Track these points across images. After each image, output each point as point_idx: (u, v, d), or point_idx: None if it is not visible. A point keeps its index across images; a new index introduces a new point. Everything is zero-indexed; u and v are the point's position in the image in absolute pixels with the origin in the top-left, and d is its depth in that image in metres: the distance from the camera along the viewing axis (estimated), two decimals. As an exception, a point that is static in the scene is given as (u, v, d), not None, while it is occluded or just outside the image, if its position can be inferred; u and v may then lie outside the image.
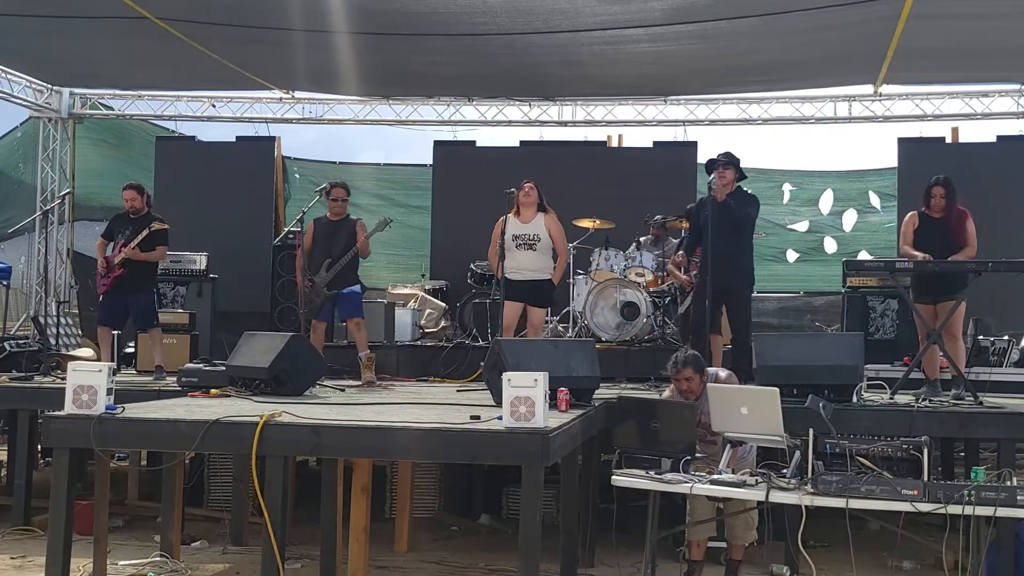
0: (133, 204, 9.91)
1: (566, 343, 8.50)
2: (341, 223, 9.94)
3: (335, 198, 9.93)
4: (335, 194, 9.94)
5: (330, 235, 9.84)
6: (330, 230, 9.88)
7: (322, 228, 9.91)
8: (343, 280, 9.76)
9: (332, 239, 9.81)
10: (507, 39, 10.99)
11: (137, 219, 9.88)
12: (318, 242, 9.82)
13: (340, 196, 9.95)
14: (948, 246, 8.45)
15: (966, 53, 11.44)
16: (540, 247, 9.53)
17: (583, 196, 12.55)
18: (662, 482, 6.01)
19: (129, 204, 9.93)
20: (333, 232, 9.85)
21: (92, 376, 6.01)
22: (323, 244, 9.81)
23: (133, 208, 9.91)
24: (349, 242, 9.77)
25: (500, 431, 5.64)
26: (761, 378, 7.87)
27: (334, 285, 9.72)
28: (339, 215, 9.97)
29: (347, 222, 9.96)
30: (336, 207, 9.94)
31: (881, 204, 14.04)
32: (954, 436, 8.63)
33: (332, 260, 9.72)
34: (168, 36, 11.19)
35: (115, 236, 9.92)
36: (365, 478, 7.21)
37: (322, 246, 9.80)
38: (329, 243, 9.80)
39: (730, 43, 11.10)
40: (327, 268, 9.71)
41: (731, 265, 8.73)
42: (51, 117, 14.70)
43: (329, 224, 9.95)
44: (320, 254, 9.78)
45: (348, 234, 9.82)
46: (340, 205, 9.95)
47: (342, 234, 9.82)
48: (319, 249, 9.80)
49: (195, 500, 9.51)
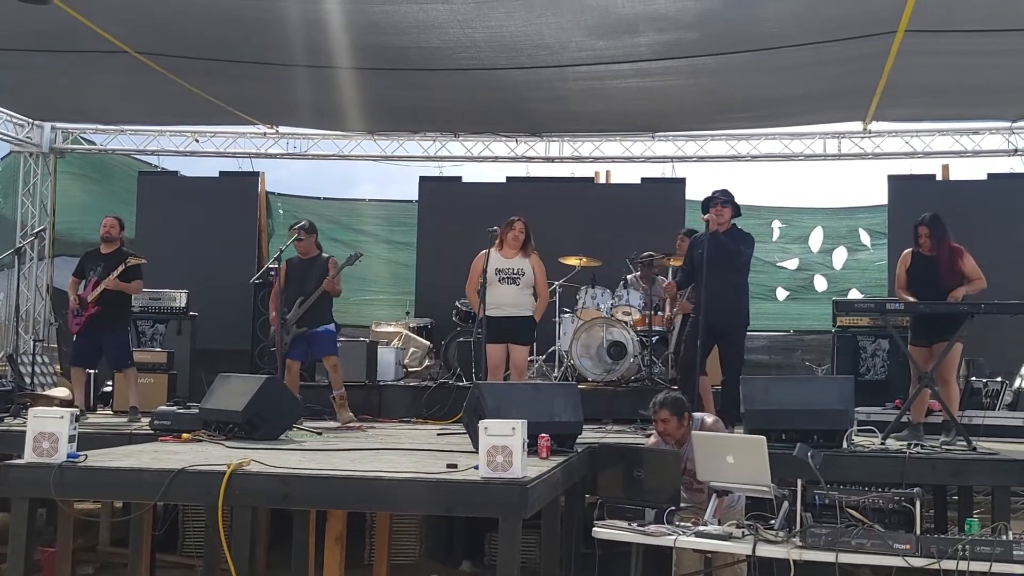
0: (110, 232, 9.81)
1: (548, 387, 8.30)
2: (313, 261, 9.83)
3: (296, 238, 9.80)
4: (298, 235, 9.80)
5: (303, 273, 9.74)
6: (302, 269, 9.78)
7: (294, 267, 9.81)
8: (315, 319, 9.63)
9: (305, 277, 9.70)
10: (492, 74, 10.87)
11: (109, 255, 9.76)
12: (291, 281, 9.69)
13: (300, 236, 9.77)
14: (941, 284, 8.29)
15: (956, 90, 11.35)
16: (523, 282, 9.35)
17: (570, 233, 12.44)
18: (645, 535, 5.80)
19: (106, 231, 9.82)
20: (306, 270, 9.75)
21: (54, 423, 5.78)
22: (296, 283, 9.69)
23: (109, 236, 9.80)
24: (321, 280, 9.66)
25: (476, 482, 5.42)
26: (749, 422, 7.71)
27: (304, 322, 9.60)
28: (306, 254, 9.85)
29: (319, 260, 9.84)
30: (300, 246, 9.82)
31: (871, 242, 13.90)
32: (947, 483, 8.40)
33: (304, 298, 9.60)
34: (150, 70, 11.07)
35: (87, 274, 9.78)
36: (339, 527, 6.99)
37: (295, 285, 9.68)
38: (302, 281, 9.69)
39: (718, 79, 10.99)
40: (298, 305, 9.58)
41: (726, 304, 8.57)
42: (32, 151, 14.54)
43: (301, 263, 9.85)
44: (293, 293, 9.66)
45: (320, 272, 9.70)
46: (303, 244, 9.81)
47: (314, 272, 9.71)
48: (292, 288, 9.67)
49: (169, 546, 9.28)
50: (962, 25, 9.12)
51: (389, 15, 9.23)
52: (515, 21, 9.37)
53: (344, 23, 9.32)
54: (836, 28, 9.29)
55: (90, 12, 9.43)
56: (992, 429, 8.75)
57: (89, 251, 10.14)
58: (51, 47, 10.43)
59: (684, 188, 13.47)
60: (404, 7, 9.07)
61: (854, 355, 10.96)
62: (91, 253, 10.02)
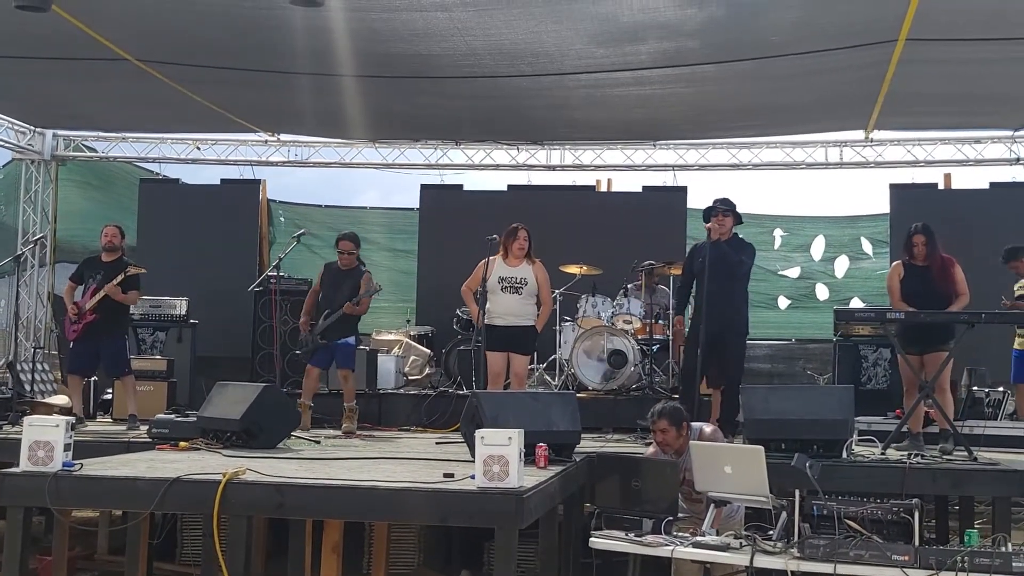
0: (112, 241, 9.77)
1: (547, 396, 8.26)
2: (349, 272, 9.92)
3: (341, 251, 9.93)
4: (341, 247, 9.95)
5: (337, 283, 9.85)
6: (338, 278, 9.89)
7: (331, 275, 9.94)
8: (340, 331, 9.75)
9: (338, 288, 9.81)
10: (493, 82, 10.85)
11: (110, 263, 9.71)
12: (325, 288, 9.87)
13: (346, 249, 9.93)
14: (933, 294, 8.29)
15: (958, 99, 11.32)
16: (526, 291, 9.32)
17: (571, 241, 12.41)
18: (642, 545, 5.77)
19: (108, 240, 9.77)
20: (341, 281, 9.86)
21: (49, 431, 5.77)
22: (329, 291, 9.84)
23: (111, 245, 9.76)
24: (353, 292, 9.76)
25: (472, 491, 5.40)
26: (748, 431, 7.69)
27: (328, 335, 9.69)
28: (348, 265, 9.94)
29: (355, 272, 9.94)
30: (343, 259, 9.94)
31: (873, 250, 13.88)
32: (947, 494, 8.36)
33: (331, 311, 9.69)
34: (151, 78, 11.05)
35: (85, 280, 9.74)
36: (336, 536, 6.95)
37: (328, 293, 9.84)
38: (335, 291, 9.81)
39: (719, 87, 10.97)
40: (324, 317, 9.69)
41: (726, 314, 8.55)
42: (34, 159, 14.52)
43: (338, 272, 9.94)
44: (326, 301, 9.80)
45: (353, 285, 9.81)
46: (347, 258, 9.93)
47: (348, 284, 9.81)
48: (325, 296, 9.84)
49: (167, 554, 9.25)
50: (963, 34, 9.09)
51: (389, 22, 9.21)
52: (515, 30, 9.35)
53: (344, 31, 9.30)
54: (837, 37, 9.27)
55: (90, 20, 9.41)
56: (993, 439, 8.72)
57: (89, 257, 10.13)
58: (52, 55, 10.41)
59: (685, 196, 13.45)
60: (404, 15, 9.06)
61: (855, 364, 10.93)
62: (91, 260, 9.99)
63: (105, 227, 10.02)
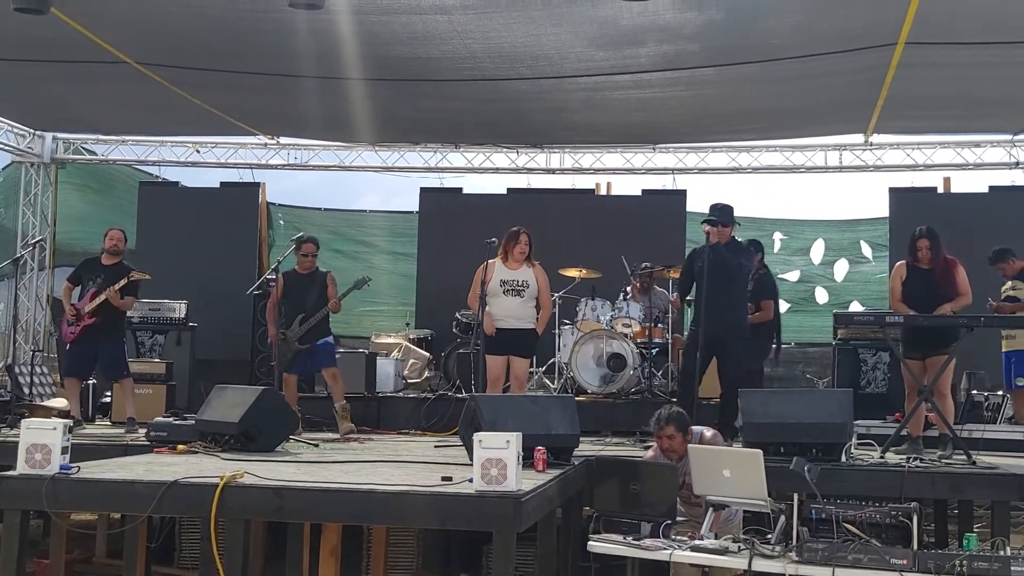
0: (117, 244, 9.77)
1: (545, 399, 8.25)
2: (312, 276, 9.88)
3: (305, 253, 9.87)
4: (305, 249, 9.88)
5: (302, 288, 9.77)
6: (302, 284, 9.81)
7: (293, 281, 9.80)
8: (316, 333, 9.71)
9: (305, 292, 9.74)
10: (492, 85, 10.85)
11: (110, 267, 9.69)
12: (289, 295, 9.68)
13: (310, 252, 9.89)
14: (937, 297, 8.25)
15: (957, 103, 11.32)
16: (527, 294, 9.31)
17: (570, 244, 12.41)
18: (641, 548, 5.76)
19: (113, 243, 9.75)
20: (305, 286, 9.79)
21: (46, 434, 5.76)
22: (295, 298, 9.70)
23: (115, 248, 9.75)
24: (321, 296, 9.73)
25: (470, 495, 5.38)
26: (747, 435, 7.67)
27: (306, 339, 9.66)
28: (308, 269, 9.91)
29: (318, 275, 9.90)
30: (305, 262, 9.89)
31: (873, 254, 13.89)
32: (946, 498, 8.35)
33: (306, 315, 9.65)
34: (151, 81, 11.05)
35: (84, 283, 9.71)
36: (334, 539, 6.95)
37: (294, 300, 9.69)
38: (302, 296, 9.72)
39: (719, 91, 10.97)
40: (300, 323, 9.64)
41: (725, 317, 8.54)
42: (33, 162, 14.53)
43: (300, 278, 9.87)
44: (292, 307, 9.66)
45: (320, 287, 9.78)
46: (310, 260, 9.90)
47: (314, 288, 9.77)
48: (291, 302, 9.67)
49: (166, 558, 9.23)
50: (963, 37, 9.10)
51: (388, 25, 9.21)
52: (514, 33, 9.36)
53: (343, 33, 9.30)
54: (837, 40, 9.27)
55: (90, 22, 9.42)
56: (993, 443, 8.70)
57: (88, 259, 10.12)
58: (52, 57, 10.41)
59: (685, 200, 13.45)
60: (404, 18, 9.06)
61: (855, 368, 10.92)
62: (90, 262, 9.97)
63: (110, 230, 10.00)
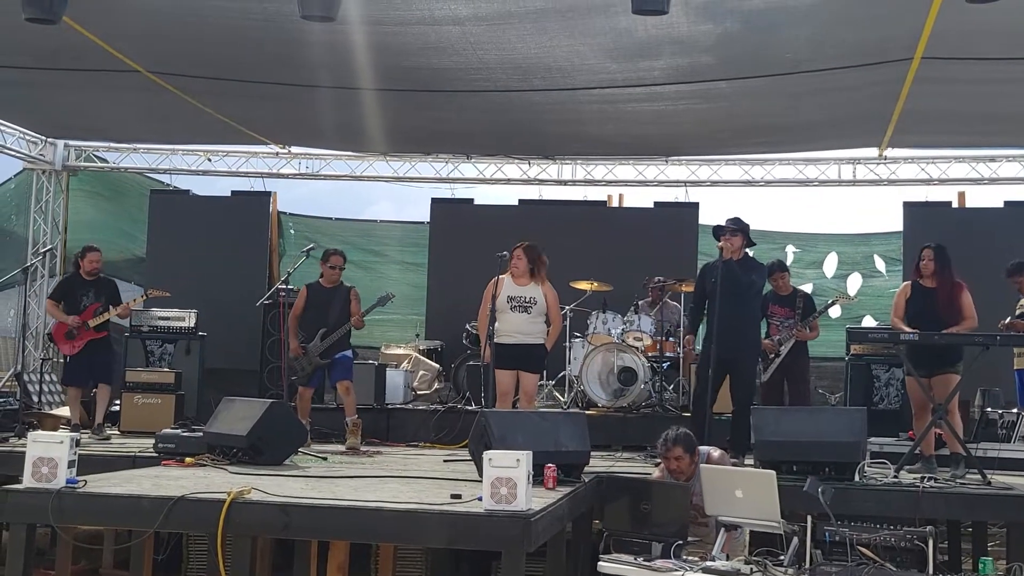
0: (97, 266, 10.12)
1: (556, 416, 8.18)
2: (335, 290, 9.83)
3: (333, 266, 9.84)
4: (333, 262, 9.86)
5: (325, 302, 9.73)
6: (325, 297, 9.77)
7: (316, 294, 9.79)
8: (339, 346, 9.69)
9: (327, 306, 9.71)
10: (505, 96, 10.80)
11: (93, 282, 10.02)
12: (311, 308, 9.70)
13: (338, 264, 9.87)
14: (939, 317, 8.20)
15: (973, 117, 11.24)
16: (535, 311, 9.20)
17: (582, 257, 12.35)
18: (651, 570, 5.69)
19: (94, 266, 10.08)
20: (328, 299, 9.75)
21: (53, 448, 5.73)
22: (317, 311, 9.69)
23: (95, 271, 10.07)
24: (344, 310, 9.68)
25: (479, 514, 5.33)
26: (759, 453, 7.61)
27: (328, 354, 9.63)
28: (333, 283, 9.86)
29: (341, 289, 9.85)
30: (333, 275, 9.85)
31: (886, 268, 13.79)
32: (961, 519, 8.25)
33: (328, 330, 9.61)
34: (162, 90, 11.03)
35: (78, 300, 9.93)
36: (342, 556, 6.90)
37: (315, 313, 9.69)
38: (324, 310, 9.69)
39: (732, 104, 10.90)
40: (321, 338, 9.60)
41: (736, 335, 8.48)
42: (45, 169, 14.51)
43: (323, 291, 9.83)
44: (314, 321, 9.66)
45: (343, 302, 9.74)
46: (336, 273, 9.86)
47: (337, 302, 9.73)
48: (312, 315, 9.68)
49: (173, 570, 9.18)
50: (979, 53, 9.02)
51: (400, 36, 9.16)
52: (528, 44, 9.30)
53: (356, 44, 9.26)
54: (853, 54, 9.21)
55: (102, 32, 9.40)
56: (1008, 462, 8.60)
57: (68, 277, 10.47)
58: (63, 66, 10.41)
59: (697, 213, 13.38)
60: (416, 28, 9.01)
61: (867, 384, 10.81)
62: (73, 279, 10.22)
63: (88, 252, 10.21)
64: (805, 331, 10.13)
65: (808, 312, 10.21)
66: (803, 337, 10.17)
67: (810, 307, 10.31)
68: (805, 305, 10.23)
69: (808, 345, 10.43)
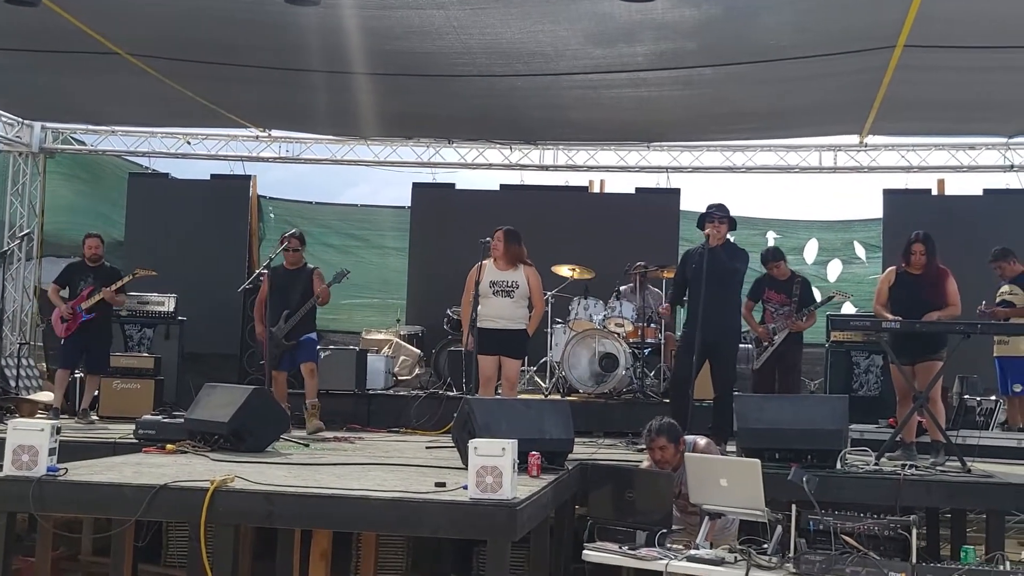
0: (96, 252, 10.10)
1: (539, 404, 8.15)
2: (298, 272, 9.83)
3: (288, 248, 9.81)
4: (289, 244, 9.82)
5: (287, 285, 9.73)
6: (287, 279, 9.77)
7: (279, 277, 9.77)
8: (303, 328, 9.69)
9: (289, 289, 9.70)
10: (487, 81, 10.77)
11: (96, 268, 10.04)
12: (275, 292, 9.67)
13: (293, 246, 9.83)
14: (923, 304, 8.21)
15: (953, 106, 11.28)
16: (517, 295, 9.20)
17: (563, 242, 12.34)
18: (635, 558, 5.69)
19: (93, 251, 10.09)
20: (290, 282, 9.75)
21: (33, 435, 5.66)
22: (280, 294, 9.67)
23: (95, 256, 10.08)
24: (306, 292, 9.69)
25: (465, 503, 5.30)
26: (742, 440, 7.62)
27: (292, 336, 9.63)
28: (295, 264, 9.85)
29: (304, 271, 9.85)
30: (290, 257, 9.84)
31: (866, 255, 13.85)
32: (941, 506, 8.30)
33: (290, 311, 9.60)
34: (142, 72, 10.95)
35: (77, 285, 9.98)
36: (325, 543, 6.85)
37: (279, 296, 9.66)
38: (286, 293, 9.68)
39: (714, 90, 10.90)
40: (285, 319, 9.59)
41: (718, 320, 8.46)
42: (22, 151, 14.39)
43: (286, 273, 9.83)
44: (278, 304, 9.63)
45: (305, 283, 9.74)
46: (294, 255, 9.84)
47: (299, 284, 9.73)
48: (277, 299, 9.65)
49: (153, 557, 9.12)
50: (961, 41, 9.05)
51: (384, 19, 9.12)
52: (511, 28, 9.28)
53: (338, 28, 9.22)
54: (835, 41, 9.22)
55: (81, 14, 9.32)
56: (986, 449, 8.66)
57: (72, 264, 10.40)
58: (42, 47, 10.31)
59: (679, 199, 13.41)
60: (400, 12, 8.97)
61: (847, 370, 10.89)
62: (76, 266, 10.25)
63: (87, 239, 10.25)
64: (800, 322, 10.08)
65: (805, 298, 10.13)
66: (798, 328, 10.11)
67: (807, 293, 10.21)
68: (802, 292, 10.12)
69: (803, 335, 10.37)
